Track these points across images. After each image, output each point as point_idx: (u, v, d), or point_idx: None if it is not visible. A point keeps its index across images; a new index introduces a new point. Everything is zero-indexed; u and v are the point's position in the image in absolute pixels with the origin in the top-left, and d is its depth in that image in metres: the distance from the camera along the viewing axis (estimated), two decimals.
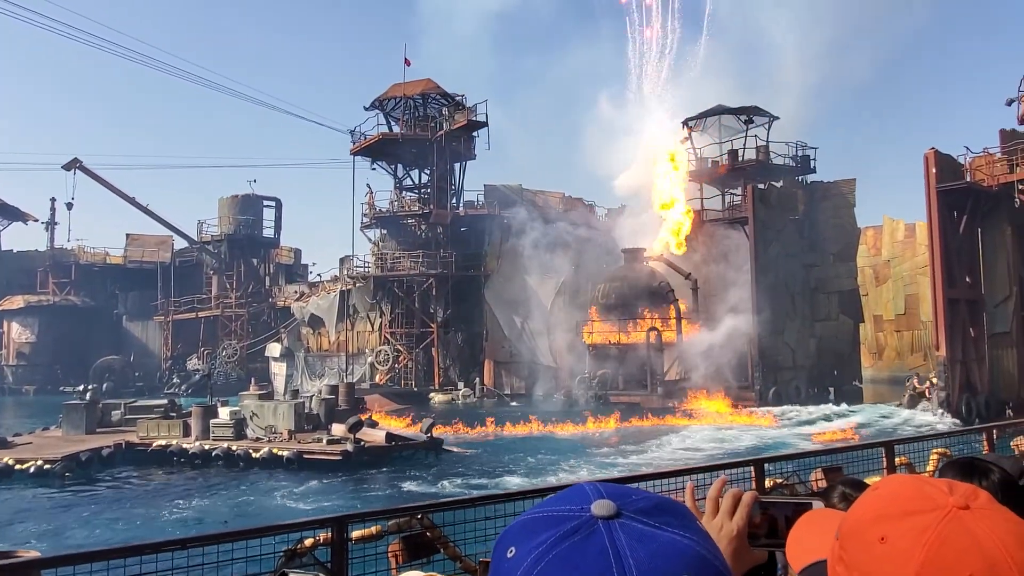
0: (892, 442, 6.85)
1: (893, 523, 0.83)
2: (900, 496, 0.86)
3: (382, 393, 37.78)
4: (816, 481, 4.59)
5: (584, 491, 0.82)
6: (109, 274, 55.48)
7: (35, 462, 19.40)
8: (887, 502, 0.86)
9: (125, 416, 24.31)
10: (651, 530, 0.76)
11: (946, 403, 27.07)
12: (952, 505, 0.82)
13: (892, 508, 0.84)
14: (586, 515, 0.77)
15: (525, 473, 19.99)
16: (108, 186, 50.04)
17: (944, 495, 0.84)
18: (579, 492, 0.82)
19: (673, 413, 31.15)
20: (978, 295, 28.80)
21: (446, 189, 43.68)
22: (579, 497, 0.81)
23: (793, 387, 34.70)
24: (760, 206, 34.81)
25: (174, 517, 16.07)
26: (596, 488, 0.82)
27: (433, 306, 41.95)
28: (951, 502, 0.83)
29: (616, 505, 0.78)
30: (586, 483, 0.85)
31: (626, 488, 0.83)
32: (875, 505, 0.87)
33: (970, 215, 28.28)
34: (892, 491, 0.87)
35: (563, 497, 0.82)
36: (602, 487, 0.82)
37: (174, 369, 51.35)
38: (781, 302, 34.76)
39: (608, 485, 0.83)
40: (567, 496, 0.82)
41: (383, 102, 44.39)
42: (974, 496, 0.84)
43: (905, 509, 0.83)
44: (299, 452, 20.52)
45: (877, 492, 0.90)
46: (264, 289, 53.85)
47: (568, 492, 0.83)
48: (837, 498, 2.57)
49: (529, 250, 40.76)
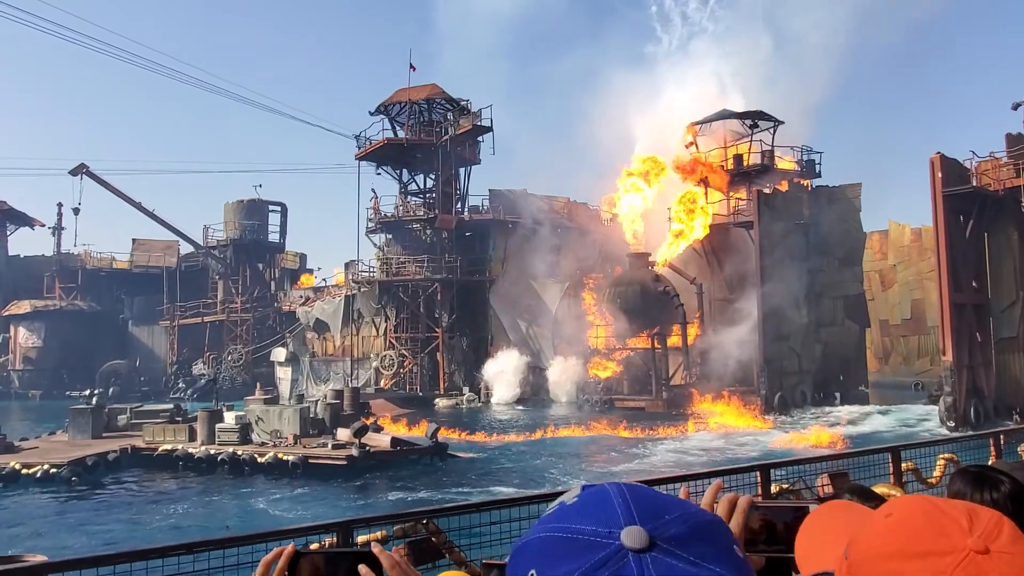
0: (899, 447, 6.82)
1: (907, 562, 0.78)
2: (916, 531, 0.80)
3: (387, 398, 37.77)
4: (822, 487, 4.57)
5: (611, 506, 0.74)
6: (115, 279, 55.69)
7: (41, 466, 19.45)
8: (902, 538, 0.81)
9: (131, 421, 24.38)
10: (687, 568, 0.69)
11: (953, 408, 26.94)
12: (970, 548, 0.77)
13: (907, 545, 0.80)
14: (615, 543, 0.70)
15: (529, 477, 19.96)
16: (115, 191, 50.25)
17: (963, 533, 0.79)
18: (606, 506, 0.74)
19: (678, 418, 31.07)
20: (985, 300, 28.69)
21: (451, 194, 43.76)
22: (606, 515, 0.73)
23: (799, 392, 34.59)
24: (765, 210, 34.76)
25: (180, 522, 16.08)
26: (625, 502, 0.74)
27: (438, 311, 41.98)
28: (969, 544, 0.77)
29: (648, 534, 0.70)
30: (612, 489, 0.77)
31: (657, 503, 0.75)
32: (889, 538, 0.82)
33: (976, 219, 28.18)
34: (907, 522, 0.82)
35: (588, 510, 0.75)
36: (631, 498, 0.75)
37: (180, 374, 51.46)
38: (786, 307, 34.67)
39: (636, 494, 0.76)
40: (592, 510, 0.75)
41: (388, 107, 44.53)
42: (995, 534, 0.79)
43: (920, 549, 0.78)
44: (304, 457, 20.52)
45: (892, 520, 0.84)
46: (269, 294, 53.98)
47: (593, 503, 0.76)
48: None
49: (534, 255, 40.77)
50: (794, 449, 22.59)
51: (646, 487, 0.78)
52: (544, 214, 43.21)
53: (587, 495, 0.77)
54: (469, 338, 42.06)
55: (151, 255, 55.38)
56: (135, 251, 56.35)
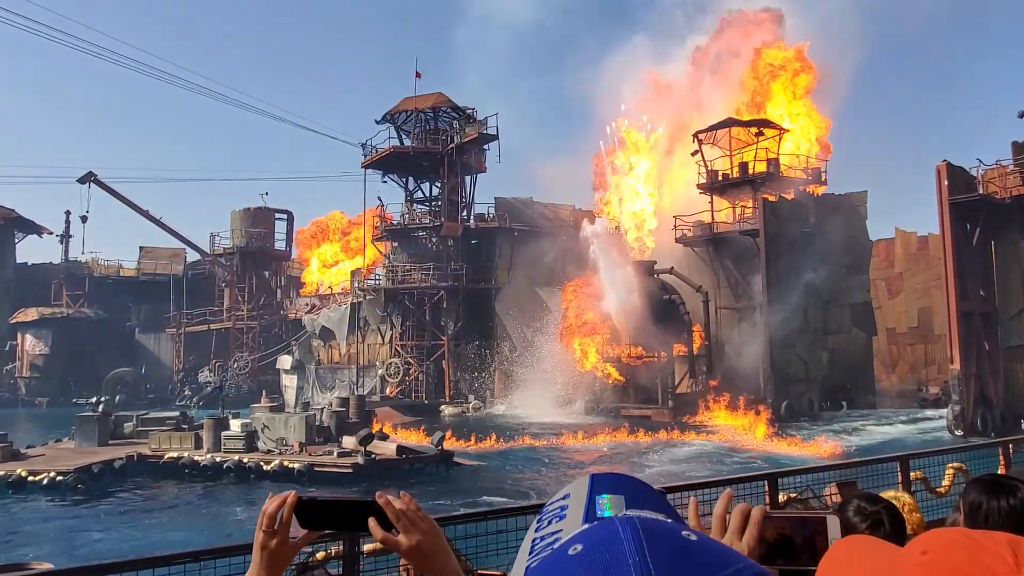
0: (907, 456, 6.77)
1: None
2: (957, 568, 0.72)
3: (392, 406, 37.77)
4: (831, 496, 4.54)
5: (620, 545, 0.61)
6: (122, 286, 55.91)
7: (48, 474, 19.49)
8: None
9: (137, 428, 24.42)
10: None
11: (961, 417, 26.80)
12: None
13: None
14: None
15: (535, 486, 19.91)
16: (122, 199, 50.53)
17: (1009, 569, 0.70)
18: (614, 546, 0.62)
19: (684, 427, 30.97)
20: (992, 308, 28.56)
21: (457, 202, 43.85)
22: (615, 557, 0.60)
23: (806, 400, 34.44)
24: (771, 218, 34.71)
25: (187, 529, 16.08)
26: (636, 539, 0.61)
27: (444, 318, 41.99)
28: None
29: None
30: (625, 533, 0.63)
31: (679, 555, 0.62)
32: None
33: (983, 227, 28.10)
34: (947, 560, 0.73)
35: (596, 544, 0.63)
36: (648, 550, 0.61)
37: (186, 381, 51.58)
38: (793, 314, 34.57)
39: (655, 540, 0.63)
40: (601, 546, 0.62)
41: (394, 115, 44.71)
42: None
43: None
44: (310, 465, 20.52)
45: (929, 559, 0.75)
46: (275, 301, 54.11)
47: (601, 537, 0.63)
48: (852, 512, 2.55)
49: (540, 262, 40.77)
50: (802, 457, 22.49)
51: (672, 531, 0.66)
52: (550, 222, 43.25)
53: (595, 546, 0.62)
54: (475, 345, 42.05)
55: (158, 263, 55.62)
56: (142, 259, 56.60)
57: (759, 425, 30.67)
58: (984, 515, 1.69)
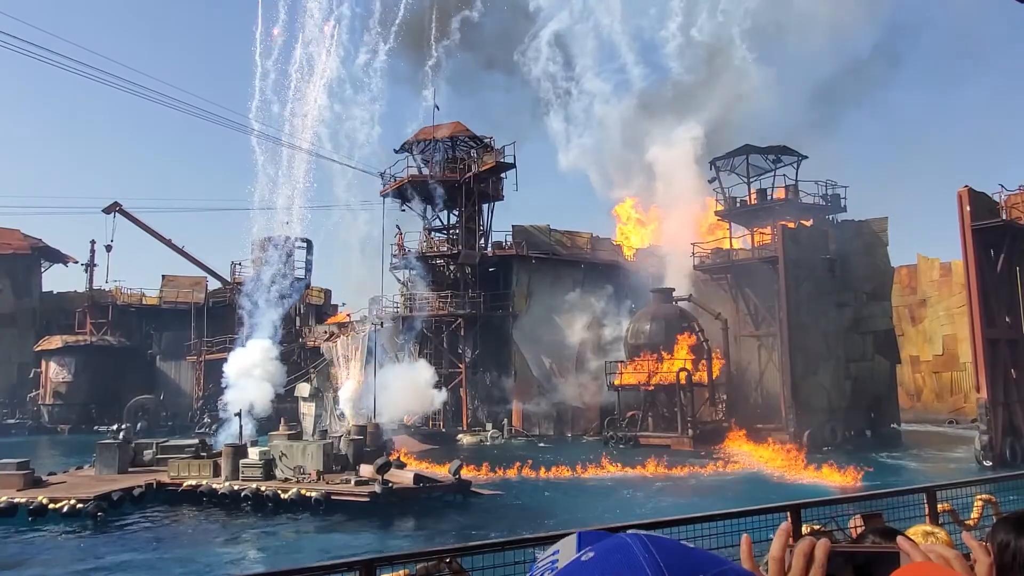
0: (934, 487, 6.62)
1: None
2: None
3: (410, 434, 37.66)
4: (855, 528, 4.45)
5: (629, 548, 0.65)
6: (144, 314, 56.54)
7: (68, 501, 19.57)
8: None
9: (157, 456, 24.51)
10: None
11: (989, 447, 26.22)
12: None
13: None
14: None
15: (553, 516, 19.68)
16: (146, 228, 51.34)
17: None
18: (624, 549, 0.65)
19: (703, 457, 30.56)
20: (1019, 335, 28.06)
21: (474, 230, 44.08)
22: (626, 557, 0.64)
23: (828, 429, 33.88)
24: (791, 245, 34.51)
25: (202, 558, 16.04)
26: (654, 560, 0.64)
27: (461, 346, 41.97)
28: None
29: None
30: (636, 544, 0.66)
31: (689, 561, 0.65)
32: None
33: (1007, 253, 27.75)
34: None
35: (608, 548, 0.66)
36: (659, 556, 0.64)
37: (205, 408, 51.79)
38: (814, 342, 34.17)
39: (664, 550, 0.66)
40: (612, 550, 0.66)
41: (412, 145, 45.21)
42: None
43: None
44: (327, 493, 20.45)
45: None
46: (295, 329, 54.39)
47: (615, 563, 0.65)
48: None
49: (557, 290, 40.75)
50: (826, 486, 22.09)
51: (671, 540, 0.69)
52: (568, 250, 43.29)
53: (606, 551, 0.66)
54: (492, 374, 41.92)
55: (179, 291, 56.23)
56: (164, 287, 57.26)
57: (786, 455, 30.14)
58: (1012, 554, 1.63)
